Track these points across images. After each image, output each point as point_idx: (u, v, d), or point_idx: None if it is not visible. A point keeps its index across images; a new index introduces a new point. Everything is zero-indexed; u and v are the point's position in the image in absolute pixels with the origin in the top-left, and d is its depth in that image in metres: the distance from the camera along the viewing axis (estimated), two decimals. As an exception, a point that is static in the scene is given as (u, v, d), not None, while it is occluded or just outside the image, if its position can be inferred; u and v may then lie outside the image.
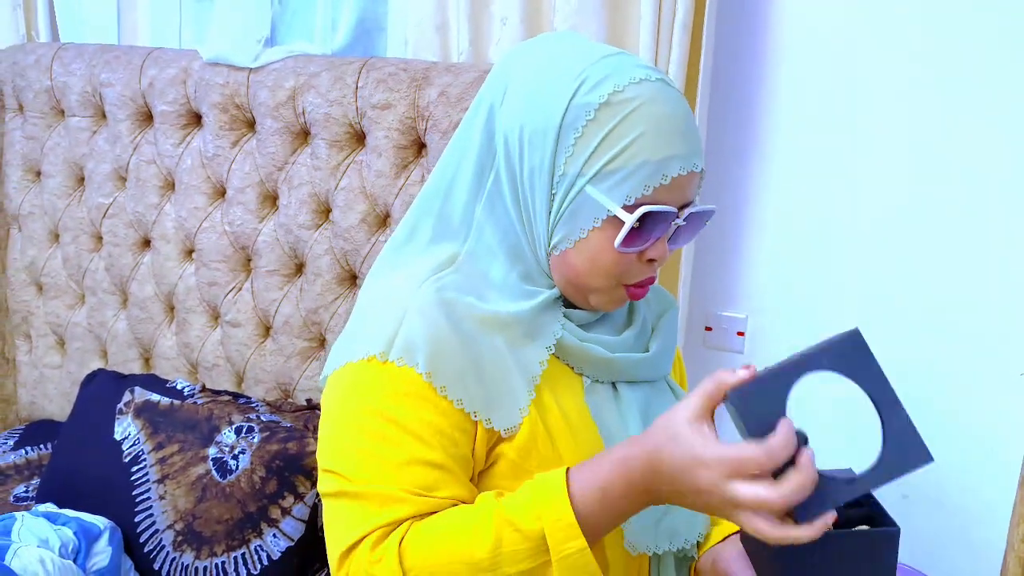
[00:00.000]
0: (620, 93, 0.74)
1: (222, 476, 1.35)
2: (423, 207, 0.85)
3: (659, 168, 0.74)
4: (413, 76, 1.41)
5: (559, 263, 0.80)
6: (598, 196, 0.75)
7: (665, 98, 0.75)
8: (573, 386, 0.82)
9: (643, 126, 0.73)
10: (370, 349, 0.75)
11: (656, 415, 0.84)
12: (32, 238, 1.79)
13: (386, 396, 0.74)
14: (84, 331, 1.77)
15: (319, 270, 1.52)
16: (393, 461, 0.73)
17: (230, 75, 1.53)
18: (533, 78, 0.77)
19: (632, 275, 0.79)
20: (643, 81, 0.75)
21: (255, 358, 1.61)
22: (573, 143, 0.74)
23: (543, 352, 0.79)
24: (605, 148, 0.74)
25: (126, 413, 1.45)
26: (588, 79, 0.75)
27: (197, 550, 1.31)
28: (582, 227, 0.76)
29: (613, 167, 0.74)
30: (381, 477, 0.73)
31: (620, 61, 0.76)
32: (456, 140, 0.84)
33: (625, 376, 0.85)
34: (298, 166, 1.51)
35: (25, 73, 1.71)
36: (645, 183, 0.74)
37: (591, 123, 0.74)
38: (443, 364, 0.74)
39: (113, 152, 1.66)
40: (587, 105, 0.74)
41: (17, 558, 1.16)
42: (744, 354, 1.57)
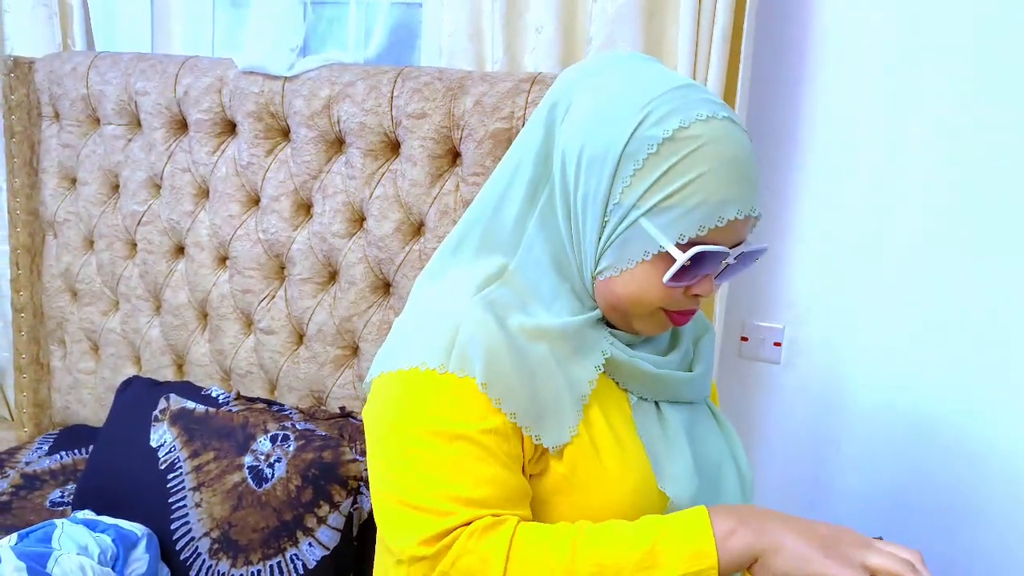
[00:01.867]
0: (685, 130, 0.73)
1: (258, 484, 1.35)
2: (474, 217, 0.85)
3: (716, 210, 0.73)
4: (448, 85, 1.41)
5: (603, 288, 0.80)
6: (652, 230, 0.75)
7: (731, 139, 0.74)
8: (620, 403, 0.82)
9: (705, 166, 0.73)
10: (426, 359, 0.75)
11: (700, 436, 0.86)
12: (67, 245, 1.80)
13: (450, 409, 0.74)
14: (118, 337, 1.79)
15: (353, 278, 1.52)
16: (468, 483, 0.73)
17: (265, 84, 1.54)
18: (599, 101, 0.77)
19: (674, 305, 0.80)
20: (710, 119, 0.74)
21: (288, 366, 1.61)
22: (632, 174, 0.74)
23: (592, 371, 0.79)
24: (664, 184, 0.73)
25: (162, 420, 1.46)
26: (655, 111, 0.74)
27: (233, 558, 1.31)
28: (631, 258, 0.76)
29: (670, 203, 0.73)
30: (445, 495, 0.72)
31: (688, 94, 0.76)
32: (512, 152, 0.84)
33: (670, 395, 0.85)
34: (332, 175, 1.52)
35: (62, 81, 1.73)
36: (701, 223, 0.73)
37: (653, 156, 0.73)
38: (498, 377, 0.74)
39: (148, 160, 1.68)
40: (651, 138, 0.73)
41: (59, 566, 1.17)
42: (781, 364, 1.56)
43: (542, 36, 1.44)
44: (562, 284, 0.81)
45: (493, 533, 0.70)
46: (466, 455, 0.73)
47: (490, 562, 0.69)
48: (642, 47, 1.38)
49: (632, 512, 0.76)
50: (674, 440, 0.82)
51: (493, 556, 0.69)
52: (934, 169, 1.42)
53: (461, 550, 0.70)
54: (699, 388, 0.89)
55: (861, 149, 1.46)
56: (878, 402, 1.52)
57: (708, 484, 0.84)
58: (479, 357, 0.74)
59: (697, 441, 0.85)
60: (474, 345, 0.74)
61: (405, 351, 0.77)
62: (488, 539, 0.70)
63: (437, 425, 0.74)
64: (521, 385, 0.74)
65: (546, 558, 0.69)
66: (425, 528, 0.71)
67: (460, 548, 0.70)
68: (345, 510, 1.33)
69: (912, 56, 1.40)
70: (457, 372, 0.74)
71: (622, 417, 0.81)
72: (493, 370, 0.74)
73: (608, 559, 0.68)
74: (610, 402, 0.81)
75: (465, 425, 0.73)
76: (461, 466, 0.73)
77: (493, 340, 0.75)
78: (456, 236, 0.86)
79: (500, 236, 0.83)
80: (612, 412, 0.81)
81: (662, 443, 0.82)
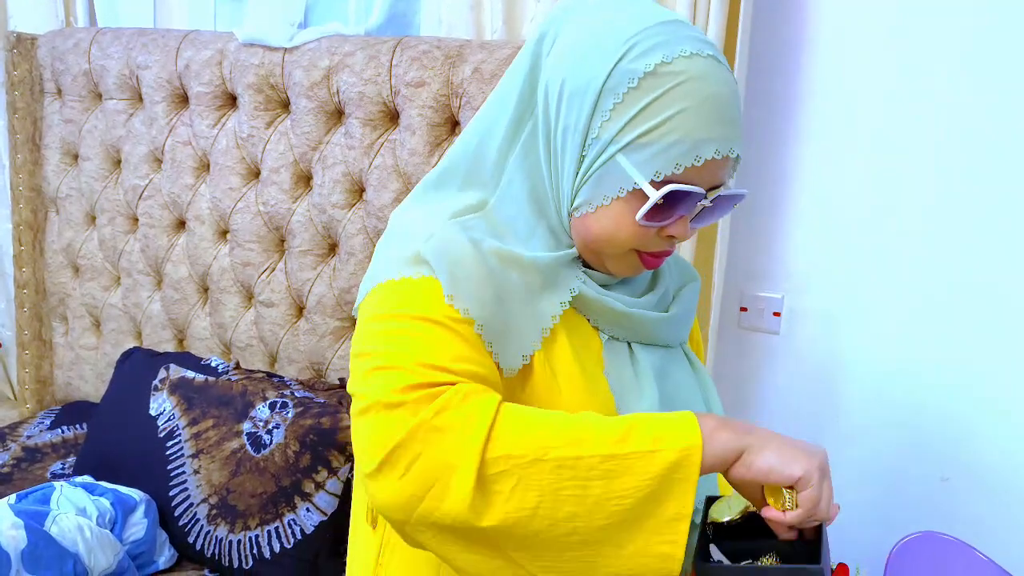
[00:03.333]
0: (668, 65, 0.72)
1: (256, 451, 1.35)
2: (459, 151, 0.85)
3: (694, 148, 0.72)
4: (447, 54, 1.41)
5: (579, 225, 0.79)
6: (627, 167, 0.73)
7: (714, 77, 0.73)
8: (589, 340, 0.82)
9: (685, 103, 0.71)
10: (400, 271, 0.75)
11: (671, 380, 0.85)
12: (69, 220, 1.81)
13: (422, 300, 0.73)
14: (119, 312, 1.79)
15: (352, 249, 1.52)
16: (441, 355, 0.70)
17: (265, 56, 1.54)
18: (584, 33, 0.76)
19: (648, 246, 0.79)
20: (694, 56, 0.72)
21: (288, 338, 1.62)
22: (611, 108, 0.73)
23: (558, 306, 0.79)
24: (642, 119, 0.72)
25: (161, 389, 1.46)
26: (638, 45, 0.73)
27: (231, 524, 1.32)
28: (606, 194, 0.75)
29: (647, 140, 0.72)
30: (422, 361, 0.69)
31: (674, 30, 0.74)
32: (499, 88, 0.83)
33: (642, 336, 0.85)
34: (332, 146, 1.52)
35: (64, 57, 1.74)
36: (677, 161, 0.72)
37: (633, 91, 0.72)
38: (465, 287, 0.73)
39: (149, 134, 1.68)
40: (632, 72, 0.72)
41: (56, 525, 1.17)
42: (780, 335, 1.55)
43: (541, 5, 1.44)
44: (539, 221, 0.80)
45: (480, 397, 0.66)
46: (441, 335, 0.71)
47: (475, 420, 0.65)
48: (640, 14, 1.38)
49: None
50: (642, 379, 0.82)
51: (479, 415, 0.65)
52: (936, 140, 1.42)
53: (446, 403, 0.65)
54: (673, 331, 0.88)
55: (862, 118, 1.45)
56: (877, 372, 1.51)
57: None
58: (445, 269, 0.73)
59: (668, 383, 0.84)
60: (441, 256, 0.74)
61: (376, 272, 0.78)
62: (474, 402, 0.66)
63: (409, 310, 0.72)
64: (489, 300, 0.74)
65: (532, 425, 0.66)
66: (401, 379, 0.67)
67: (445, 402, 0.65)
68: (343, 476, 1.33)
69: (915, 25, 1.40)
70: (421, 277, 0.73)
71: (590, 354, 0.81)
72: (460, 280, 0.73)
73: (593, 430, 0.67)
74: (578, 338, 0.81)
75: (437, 312, 0.72)
76: (438, 343, 0.71)
77: (463, 253, 0.74)
78: (437, 171, 0.85)
79: (482, 171, 0.82)
80: (579, 347, 0.80)
81: (630, 382, 0.81)
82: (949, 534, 1.04)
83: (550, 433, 0.66)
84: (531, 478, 0.64)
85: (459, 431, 0.64)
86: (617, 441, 0.66)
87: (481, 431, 0.64)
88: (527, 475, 0.64)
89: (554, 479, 0.64)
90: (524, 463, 0.64)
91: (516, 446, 0.65)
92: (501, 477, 0.64)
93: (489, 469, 0.64)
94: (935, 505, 1.49)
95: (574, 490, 0.65)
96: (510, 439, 0.65)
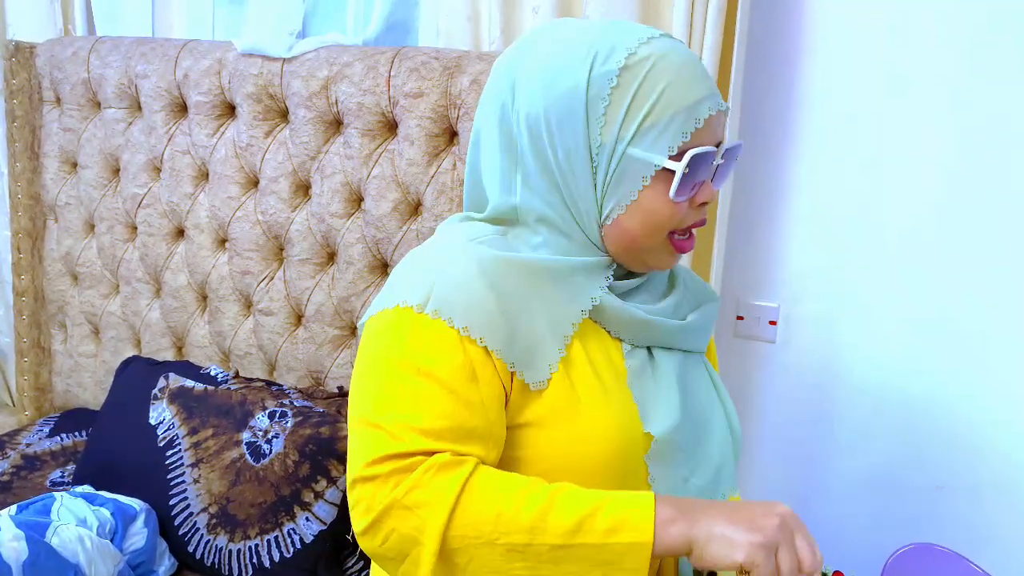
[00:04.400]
0: (634, 55, 0.77)
1: (255, 460, 1.36)
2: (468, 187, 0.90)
3: (692, 113, 0.76)
4: (445, 64, 1.42)
5: (615, 231, 0.81)
6: (642, 155, 0.77)
7: (674, 50, 0.78)
8: (610, 350, 0.83)
9: (666, 79, 0.76)
10: (407, 299, 0.77)
11: (693, 385, 0.87)
12: (68, 228, 1.81)
13: (420, 346, 0.75)
14: (118, 320, 1.80)
15: (351, 258, 1.53)
16: (426, 415, 0.74)
17: (264, 66, 1.55)
18: (543, 66, 0.80)
19: (685, 222, 0.82)
20: (650, 39, 0.78)
21: (287, 346, 1.62)
22: (604, 112, 0.77)
23: (577, 314, 0.81)
24: (636, 108, 0.76)
25: (161, 399, 1.47)
26: (599, 52, 0.77)
27: (231, 533, 1.32)
28: (631, 189, 0.79)
29: (649, 124, 0.76)
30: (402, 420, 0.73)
31: (622, 28, 0.80)
32: (471, 148, 0.87)
33: (662, 341, 0.87)
34: (331, 155, 1.53)
35: (63, 66, 1.74)
36: (683, 130, 0.76)
37: (616, 89, 0.76)
38: (478, 317, 0.76)
39: (148, 143, 1.69)
40: (608, 74, 0.77)
41: (57, 536, 1.18)
42: (776, 343, 1.56)
43: (539, 16, 1.45)
44: (570, 243, 0.83)
45: (449, 473, 0.70)
46: (428, 390, 0.74)
47: (440, 501, 0.69)
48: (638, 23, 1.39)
49: (615, 453, 0.78)
50: (662, 383, 0.84)
51: (444, 495, 0.69)
52: (931, 149, 1.43)
53: (416, 482, 0.70)
54: (693, 337, 0.90)
55: (857, 127, 1.46)
56: (873, 381, 1.52)
57: (694, 428, 0.85)
58: (459, 301, 0.76)
59: (687, 387, 0.86)
60: (454, 288, 0.76)
61: (391, 293, 0.80)
62: (443, 477, 0.70)
63: (406, 358, 0.75)
64: (504, 324, 0.76)
65: (493, 506, 0.70)
66: (376, 448, 0.72)
67: (415, 480, 0.70)
68: (342, 486, 1.34)
69: (910, 32, 1.41)
70: (431, 313, 0.75)
71: (610, 364, 0.82)
72: (473, 311, 0.75)
73: (549, 517, 0.69)
74: (597, 347, 0.82)
75: (432, 363, 0.75)
76: (423, 398, 0.74)
77: (473, 283, 0.76)
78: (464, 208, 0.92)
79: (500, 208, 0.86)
80: (598, 356, 0.82)
81: (652, 390, 0.83)
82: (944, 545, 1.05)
83: (508, 516, 0.69)
84: (483, 558, 0.69)
85: (425, 511, 0.69)
86: (570, 530, 0.68)
87: (444, 511, 0.69)
88: (479, 555, 0.69)
89: (503, 562, 0.69)
90: (478, 544, 0.69)
91: (473, 527, 0.69)
92: (459, 552, 0.70)
93: (450, 544, 0.69)
94: (931, 513, 1.50)
95: (521, 570, 0.69)
96: (469, 518, 0.69)
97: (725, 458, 0.89)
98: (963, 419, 1.47)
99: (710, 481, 0.86)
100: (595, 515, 0.69)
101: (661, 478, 0.81)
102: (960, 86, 1.39)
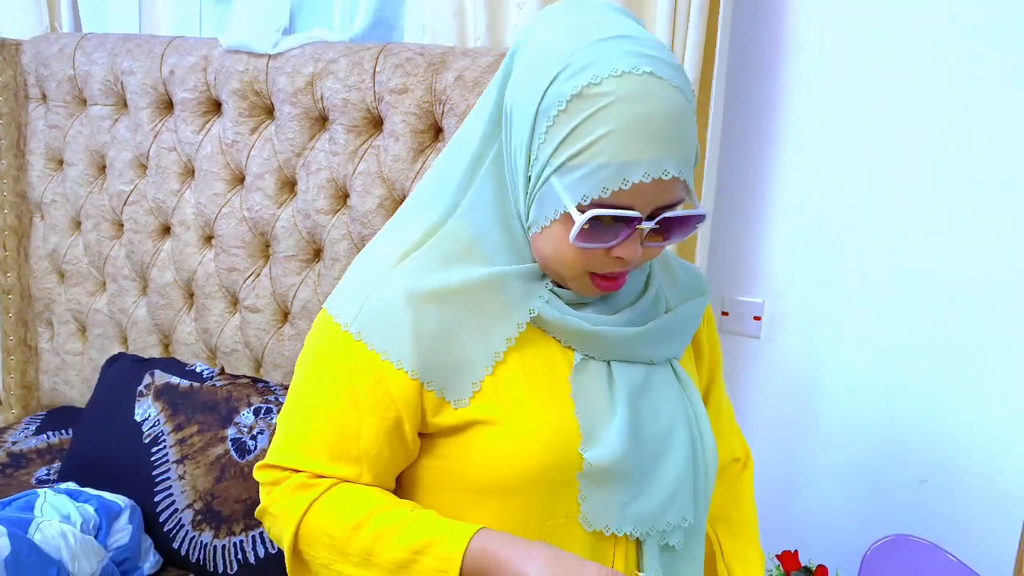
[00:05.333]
0: (596, 86, 0.69)
1: (240, 456, 1.36)
2: (432, 173, 0.86)
3: (619, 172, 0.69)
4: (430, 61, 1.42)
5: (533, 244, 0.79)
6: (559, 189, 0.72)
7: (646, 96, 0.69)
8: (555, 361, 0.80)
9: (610, 125, 0.68)
10: (339, 312, 0.80)
11: (651, 400, 0.82)
12: (54, 226, 1.81)
13: (329, 364, 0.81)
14: (105, 318, 1.79)
15: (337, 255, 1.53)
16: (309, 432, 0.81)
17: (249, 62, 1.55)
18: (533, 51, 0.75)
19: (599, 267, 0.77)
20: (626, 75, 0.69)
21: (273, 343, 1.62)
22: (545, 131, 0.72)
23: (514, 328, 0.79)
24: (571, 142, 0.70)
25: (146, 395, 1.47)
26: (572, 64, 0.70)
27: (215, 529, 1.32)
28: (546, 216, 0.74)
29: (576, 163, 0.70)
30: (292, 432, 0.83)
31: (612, 47, 0.70)
32: (480, 100, 0.83)
33: (617, 354, 0.82)
34: (316, 152, 1.53)
35: (48, 63, 1.74)
36: (604, 185, 0.70)
37: (562, 113, 0.70)
38: (398, 342, 0.77)
39: (134, 140, 1.68)
40: (561, 94, 0.70)
41: (40, 532, 1.18)
42: (761, 339, 1.57)
43: (524, 12, 1.45)
44: (506, 238, 0.80)
45: (300, 493, 0.80)
46: (319, 407, 0.81)
47: (288, 517, 0.80)
48: (622, 22, 1.39)
49: (542, 468, 0.77)
50: (615, 399, 0.80)
51: (292, 514, 0.80)
52: (912, 145, 1.43)
53: (276, 497, 0.82)
54: (651, 346, 0.83)
55: (842, 124, 1.47)
56: (857, 376, 1.53)
57: (648, 449, 0.80)
58: (381, 325, 0.78)
59: (645, 404, 0.81)
60: (379, 313, 0.78)
61: (337, 295, 0.83)
62: (295, 497, 0.80)
63: (313, 372, 0.82)
64: (425, 346, 0.77)
65: (327, 532, 0.78)
66: (271, 453, 0.83)
67: (277, 494, 0.82)
68: (327, 481, 1.34)
69: (892, 32, 1.42)
70: (353, 334, 0.78)
71: (552, 375, 0.79)
72: (394, 337, 0.77)
73: (379, 547, 0.77)
74: (540, 360, 0.80)
75: (332, 383, 0.80)
76: (312, 415, 0.81)
77: (399, 310, 0.77)
78: (413, 193, 0.88)
79: (446, 189, 0.83)
80: (537, 369, 0.79)
81: (601, 402, 0.79)
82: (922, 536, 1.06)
83: (340, 542, 0.78)
84: (321, 573, 0.81)
85: (281, 522, 0.81)
86: (390, 572, 0.76)
87: (291, 526, 0.80)
88: (319, 570, 0.81)
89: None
90: (317, 563, 0.80)
91: (312, 547, 0.80)
92: (308, 563, 0.82)
93: (300, 556, 0.82)
94: (915, 507, 1.51)
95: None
96: (311, 540, 0.80)
97: (681, 484, 0.82)
98: (947, 413, 1.48)
99: (658, 507, 0.81)
100: (407, 568, 0.75)
101: (594, 499, 0.78)
102: (944, 83, 1.40)
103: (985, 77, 1.37)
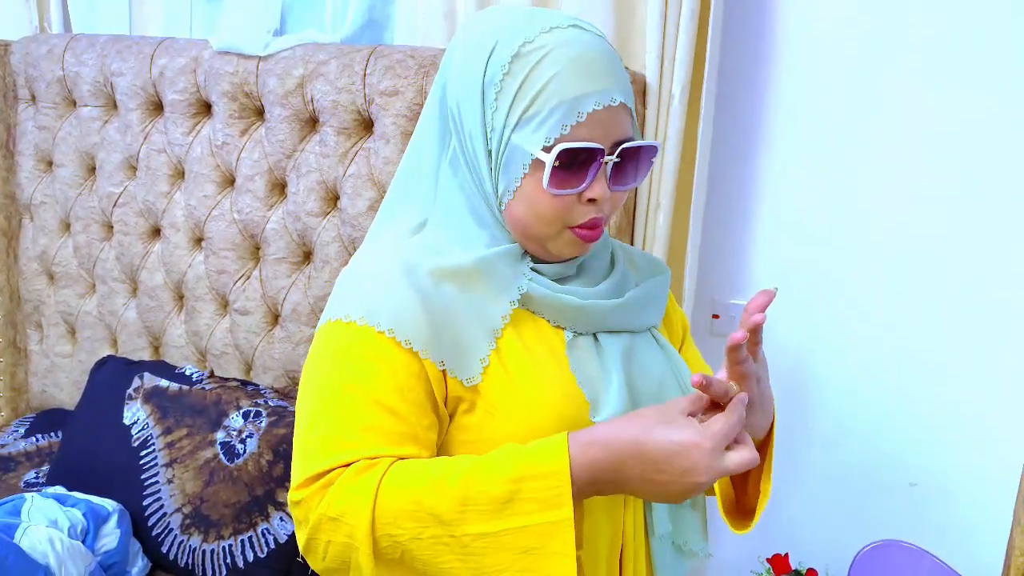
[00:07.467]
0: (530, 44, 0.77)
1: (230, 460, 1.35)
2: (402, 167, 0.91)
3: (573, 106, 0.76)
4: (420, 63, 1.42)
5: (509, 216, 0.83)
6: (522, 142, 0.78)
7: (577, 41, 0.77)
8: (549, 339, 0.84)
9: (554, 68, 0.76)
10: (339, 312, 0.80)
11: (639, 362, 0.87)
12: (44, 228, 1.80)
13: (348, 360, 0.78)
14: (95, 320, 1.79)
15: (327, 257, 1.53)
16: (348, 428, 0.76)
17: (240, 64, 1.54)
18: (464, 49, 0.82)
19: (576, 217, 0.81)
20: (553, 29, 0.78)
21: (263, 346, 1.62)
22: (495, 98, 0.78)
23: (507, 306, 0.82)
24: (521, 96, 0.77)
25: (135, 398, 1.46)
26: (501, 39, 0.78)
27: (204, 533, 1.32)
28: (515, 176, 0.79)
29: (531, 112, 0.77)
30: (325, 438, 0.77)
31: (533, 16, 0.79)
32: (423, 112, 0.89)
33: (604, 325, 0.87)
34: (306, 154, 1.52)
35: (38, 64, 1.73)
36: (562, 122, 0.76)
37: (507, 76, 0.77)
38: (404, 322, 0.77)
39: (124, 141, 1.68)
40: (501, 60, 0.78)
41: (26, 537, 1.17)
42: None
43: (514, 15, 1.45)
44: (480, 228, 0.84)
45: (362, 476, 0.73)
46: (352, 401, 0.76)
47: (359, 505, 0.72)
48: (612, 24, 1.39)
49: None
50: (610, 369, 0.84)
51: (361, 499, 0.72)
52: (900, 152, 1.44)
53: (335, 494, 0.73)
54: (632, 314, 0.89)
55: (832, 127, 1.47)
56: (847, 379, 1.53)
57: (645, 404, 0.83)
58: (385, 308, 0.78)
59: (634, 365, 0.86)
60: (382, 297, 0.79)
61: (330, 307, 0.83)
62: (358, 482, 0.73)
63: (335, 374, 0.78)
64: (430, 326, 0.78)
65: (409, 501, 0.72)
66: (302, 471, 0.76)
67: (334, 492, 0.73)
68: (317, 485, 1.34)
69: (880, 39, 1.42)
70: (359, 322, 0.78)
71: (550, 351, 0.83)
72: (399, 317, 0.78)
73: (467, 508, 0.71)
74: (535, 336, 0.83)
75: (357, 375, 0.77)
76: (347, 412, 0.76)
77: (400, 291, 0.79)
78: (389, 191, 0.92)
79: (421, 187, 0.88)
80: (535, 344, 0.83)
81: (596, 372, 0.84)
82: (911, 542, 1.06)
83: (426, 508, 0.71)
84: (414, 552, 0.72)
85: (349, 517, 0.72)
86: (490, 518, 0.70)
87: (366, 513, 0.72)
88: (410, 549, 0.72)
89: (433, 555, 0.72)
90: (405, 539, 0.72)
91: (394, 524, 0.72)
92: (391, 549, 0.72)
93: (380, 544, 0.72)
94: (904, 511, 1.51)
95: (452, 560, 0.72)
96: (390, 516, 0.72)
97: None
98: (936, 416, 1.48)
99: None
100: (513, 500, 0.70)
101: None
102: (933, 86, 1.40)
103: (974, 78, 1.37)
